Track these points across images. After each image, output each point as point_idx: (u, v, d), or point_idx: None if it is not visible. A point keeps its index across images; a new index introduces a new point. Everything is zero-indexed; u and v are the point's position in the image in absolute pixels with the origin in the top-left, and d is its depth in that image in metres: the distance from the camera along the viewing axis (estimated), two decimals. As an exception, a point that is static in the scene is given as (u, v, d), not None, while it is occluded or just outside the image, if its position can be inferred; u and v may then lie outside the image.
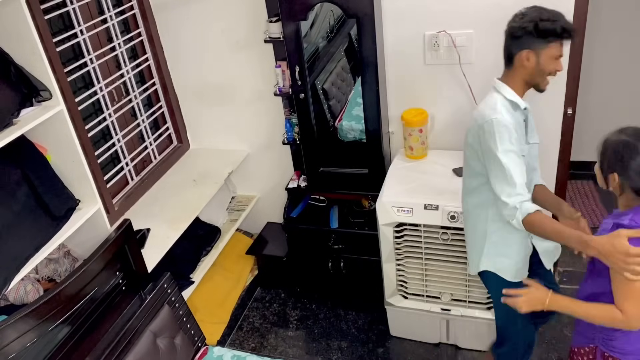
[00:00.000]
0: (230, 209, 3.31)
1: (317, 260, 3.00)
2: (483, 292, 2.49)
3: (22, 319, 1.75)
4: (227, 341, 2.97)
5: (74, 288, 1.94)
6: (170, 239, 2.56)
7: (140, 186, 2.89)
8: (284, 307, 3.18)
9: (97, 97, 2.65)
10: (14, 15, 1.83)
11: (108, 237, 2.14)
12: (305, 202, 3.10)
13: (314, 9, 2.50)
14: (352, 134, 2.87)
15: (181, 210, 2.76)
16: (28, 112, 1.92)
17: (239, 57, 2.92)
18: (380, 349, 2.84)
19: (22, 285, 2.11)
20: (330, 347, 2.89)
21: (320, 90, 2.86)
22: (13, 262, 1.85)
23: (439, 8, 2.47)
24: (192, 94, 3.15)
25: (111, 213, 2.57)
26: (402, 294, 2.67)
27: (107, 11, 2.68)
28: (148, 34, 2.93)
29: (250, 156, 3.24)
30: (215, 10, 2.84)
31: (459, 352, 2.75)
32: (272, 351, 2.91)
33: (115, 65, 2.80)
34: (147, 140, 3.02)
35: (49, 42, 2.19)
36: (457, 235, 2.38)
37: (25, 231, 1.92)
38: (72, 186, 2.12)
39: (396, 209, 2.43)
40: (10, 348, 1.73)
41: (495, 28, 2.44)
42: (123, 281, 2.22)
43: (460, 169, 2.55)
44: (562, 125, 2.58)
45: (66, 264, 2.30)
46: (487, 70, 2.52)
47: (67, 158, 2.08)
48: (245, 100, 3.06)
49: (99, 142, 2.69)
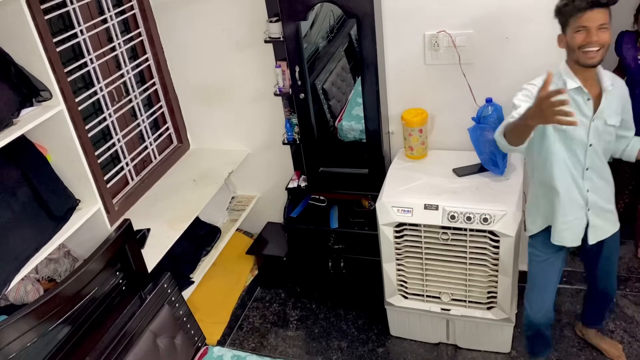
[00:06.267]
0: (230, 209, 3.31)
1: (317, 260, 3.00)
2: (483, 292, 2.49)
3: (22, 319, 1.75)
4: (227, 341, 2.97)
5: (74, 288, 1.94)
6: (170, 239, 2.56)
7: (140, 186, 2.89)
8: (284, 307, 3.18)
9: (97, 97, 2.64)
10: (14, 15, 1.83)
11: (108, 237, 2.14)
12: (305, 202, 3.10)
13: (314, 9, 2.50)
14: (352, 134, 2.87)
15: (181, 210, 2.76)
16: (28, 112, 1.92)
17: (239, 57, 2.92)
18: (380, 349, 2.84)
19: (22, 285, 2.12)
20: (330, 347, 2.89)
21: (320, 90, 2.86)
22: (13, 262, 1.86)
23: (439, 8, 2.46)
24: (192, 94, 3.15)
25: (111, 213, 2.57)
26: (402, 294, 2.67)
27: (107, 11, 2.68)
28: (148, 34, 2.93)
29: (250, 156, 3.24)
30: (215, 10, 2.84)
31: (459, 352, 2.75)
32: (272, 351, 2.91)
33: (115, 65, 2.80)
34: (147, 140, 3.02)
35: (49, 42, 2.19)
36: (457, 235, 2.38)
37: (25, 231, 1.93)
38: (72, 186, 2.12)
39: (396, 209, 2.43)
40: (10, 348, 1.73)
41: (495, 28, 2.45)
42: (123, 281, 2.22)
43: (461, 169, 2.56)
44: (562, 125, 2.58)
45: (66, 264, 2.30)
46: (487, 70, 2.53)
47: (67, 158, 2.08)
48: (245, 100, 3.06)
49: (99, 142, 2.69)
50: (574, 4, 1.82)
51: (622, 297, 2.91)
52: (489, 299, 2.50)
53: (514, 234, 2.27)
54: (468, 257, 2.41)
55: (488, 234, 2.33)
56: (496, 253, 2.35)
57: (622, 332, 2.72)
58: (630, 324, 2.76)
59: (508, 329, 2.62)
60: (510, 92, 2.52)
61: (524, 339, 2.46)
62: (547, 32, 2.38)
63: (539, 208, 2.17)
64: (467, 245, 2.38)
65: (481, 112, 2.42)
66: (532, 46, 2.42)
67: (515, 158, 2.60)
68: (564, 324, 2.81)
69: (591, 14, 1.80)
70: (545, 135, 1.97)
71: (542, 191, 2.13)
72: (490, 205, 2.31)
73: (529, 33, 2.40)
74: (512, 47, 2.45)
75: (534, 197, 2.20)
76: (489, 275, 2.43)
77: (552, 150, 1.99)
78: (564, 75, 1.95)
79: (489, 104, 2.42)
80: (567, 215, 2.07)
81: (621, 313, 2.82)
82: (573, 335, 2.74)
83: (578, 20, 1.82)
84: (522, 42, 2.43)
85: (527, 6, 2.35)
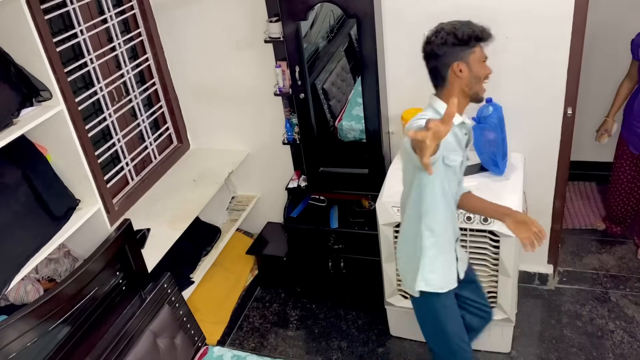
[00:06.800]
0: (230, 209, 3.31)
1: (317, 260, 3.00)
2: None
3: (22, 319, 1.75)
4: (227, 341, 2.97)
5: (74, 288, 1.94)
6: (170, 239, 2.57)
7: (140, 186, 2.89)
8: (284, 307, 3.18)
9: (97, 97, 2.65)
10: (14, 15, 1.83)
11: (108, 237, 2.14)
12: (305, 202, 3.10)
13: (314, 9, 2.50)
14: (352, 134, 2.87)
15: (181, 210, 2.76)
16: (28, 112, 1.92)
17: (239, 57, 2.92)
18: (380, 349, 2.84)
19: (22, 285, 2.12)
20: (330, 347, 2.89)
21: (320, 90, 2.86)
22: (13, 262, 1.86)
23: (439, 8, 2.46)
24: (192, 94, 3.15)
25: (111, 213, 2.57)
26: (402, 294, 2.67)
27: (107, 11, 2.68)
28: (148, 34, 2.93)
29: (250, 156, 3.24)
30: (215, 10, 2.84)
31: (459, 352, 2.75)
32: (272, 351, 2.91)
33: (115, 65, 2.80)
34: (147, 140, 3.02)
35: (49, 42, 2.19)
36: (457, 235, 2.38)
37: (26, 231, 1.92)
38: (72, 186, 2.12)
39: (396, 208, 2.42)
40: (10, 348, 1.73)
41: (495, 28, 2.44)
42: (123, 281, 2.22)
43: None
44: (562, 125, 2.58)
45: (66, 264, 2.30)
46: (487, 70, 2.53)
47: (67, 158, 2.08)
48: (245, 100, 3.06)
49: (99, 142, 2.69)
50: (486, 32, 1.79)
51: (622, 297, 2.91)
52: (489, 299, 2.49)
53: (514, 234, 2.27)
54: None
55: (488, 234, 2.33)
56: (496, 253, 2.35)
57: (622, 332, 2.72)
58: (630, 324, 2.76)
59: (508, 329, 2.62)
60: (510, 92, 2.54)
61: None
62: (547, 32, 2.39)
63: (440, 254, 1.93)
64: (467, 245, 2.38)
65: (481, 112, 2.42)
66: (532, 46, 2.42)
67: (516, 158, 2.60)
68: (564, 324, 2.81)
69: (486, 46, 1.82)
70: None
71: (432, 236, 1.89)
72: (490, 205, 2.31)
73: (529, 33, 2.40)
74: (512, 47, 2.45)
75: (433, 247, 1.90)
76: (489, 275, 2.43)
77: (435, 183, 1.80)
78: (442, 111, 1.76)
79: (489, 104, 2.42)
80: (448, 253, 1.94)
81: (621, 313, 2.82)
82: (573, 335, 2.74)
83: (482, 50, 1.81)
84: (522, 42, 2.43)
85: (527, 6, 2.35)
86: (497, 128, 2.37)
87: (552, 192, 2.77)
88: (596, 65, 3.41)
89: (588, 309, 2.87)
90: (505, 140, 2.45)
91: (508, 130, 2.48)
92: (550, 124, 2.58)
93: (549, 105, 2.54)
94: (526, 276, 3.03)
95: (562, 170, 2.70)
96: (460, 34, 1.76)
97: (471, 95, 1.83)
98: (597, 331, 2.74)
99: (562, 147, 2.64)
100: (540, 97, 2.54)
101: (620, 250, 3.23)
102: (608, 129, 3.06)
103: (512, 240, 2.28)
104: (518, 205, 2.33)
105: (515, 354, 2.69)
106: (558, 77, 2.48)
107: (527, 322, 2.84)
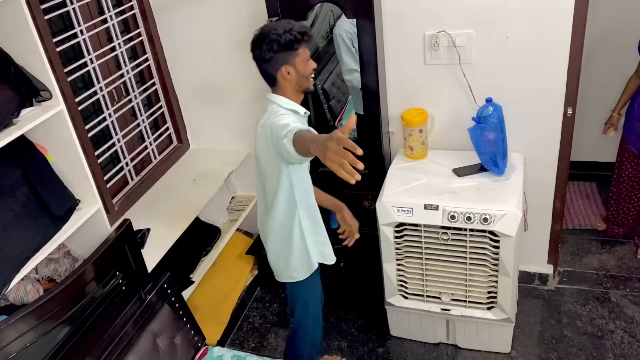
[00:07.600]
0: (230, 209, 3.31)
1: (317, 260, 2.99)
2: (483, 292, 2.49)
3: (22, 319, 1.75)
4: (227, 341, 2.97)
5: (74, 288, 1.94)
6: (170, 239, 2.56)
7: (140, 186, 2.89)
8: (284, 307, 3.18)
9: (97, 97, 2.64)
10: (14, 15, 1.83)
11: (108, 237, 2.14)
12: (305, 202, 3.09)
13: (314, 9, 2.50)
14: (352, 133, 2.86)
15: (181, 210, 2.76)
16: (28, 112, 1.92)
17: (239, 57, 2.92)
18: (380, 349, 2.84)
19: (22, 285, 2.11)
20: (330, 347, 2.89)
21: (320, 90, 2.86)
22: (13, 262, 1.85)
23: (439, 8, 2.47)
24: (192, 94, 3.15)
25: (111, 213, 2.57)
26: (402, 294, 2.67)
27: (107, 11, 2.68)
28: (148, 34, 2.93)
29: (250, 156, 3.24)
30: (215, 10, 2.84)
31: (459, 352, 2.75)
32: (272, 351, 2.91)
33: (115, 65, 2.80)
34: (147, 140, 3.02)
35: (49, 42, 2.19)
36: (457, 235, 2.38)
37: (26, 231, 1.92)
38: (72, 186, 2.12)
39: (396, 209, 2.43)
40: (10, 348, 1.73)
41: (495, 28, 2.45)
42: (123, 281, 2.21)
43: (461, 169, 2.56)
44: (562, 125, 2.58)
45: (66, 264, 2.30)
46: (487, 70, 2.54)
47: (67, 158, 2.08)
48: (245, 100, 3.06)
49: (99, 142, 2.69)
50: (306, 33, 1.92)
51: (622, 298, 2.91)
52: (489, 299, 2.50)
53: (514, 234, 2.27)
54: (468, 257, 2.41)
55: (488, 234, 2.33)
56: (496, 253, 2.35)
57: (622, 332, 2.72)
58: (630, 324, 2.76)
59: (508, 329, 2.62)
60: (510, 92, 2.54)
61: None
62: (547, 32, 2.39)
63: (312, 242, 2.23)
64: (467, 246, 2.38)
65: (481, 112, 2.42)
66: (532, 46, 2.42)
67: (516, 158, 2.60)
68: (564, 324, 2.81)
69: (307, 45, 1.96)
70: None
71: (308, 217, 2.19)
72: (490, 205, 2.31)
73: (529, 33, 2.40)
74: (512, 47, 2.45)
75: (302, 233, 2.20)
76: (489, 275, 2.43)
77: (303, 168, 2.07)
78: (286, 105, 1.98)
79: (489, 104, 2.42)
80: (321, 232, 2.22)
81: (621, 313, 2.82)
82: (573, 335, 2.74)
83: (306, 49, 1.95)
84: (522, 41, 2.43)
85: (527, 6, 2.35)
86: (497, 128, 2.38)
87: (552, 192, 2.77)
88: (597, 66, 3.41)
89: (588, 309, 2.87)
90: (505, 140, 2.45)
91: (508, 130, 2.48)
92: (551, 124, 2.59)
93: (549, 105, 2.54)
94: (526, 276, 3.03)
95: (562, 170, 2.70)
96: (284, 40, 1.88)
97: (302, 91, 2.02)
98: (597, 331, 2.74)
99: (562, 147, 2.64)
100: (540, 97, 2.54)
101: (621, 251, 3.23)
102: (614, 123, 3.10)
103: (512, 240, 2.28)
104: (517, 205, 2.33)
105: (515, 354, 2.69)
106: (558, 77, 2.48)
107: (527, 322, 2.84)
